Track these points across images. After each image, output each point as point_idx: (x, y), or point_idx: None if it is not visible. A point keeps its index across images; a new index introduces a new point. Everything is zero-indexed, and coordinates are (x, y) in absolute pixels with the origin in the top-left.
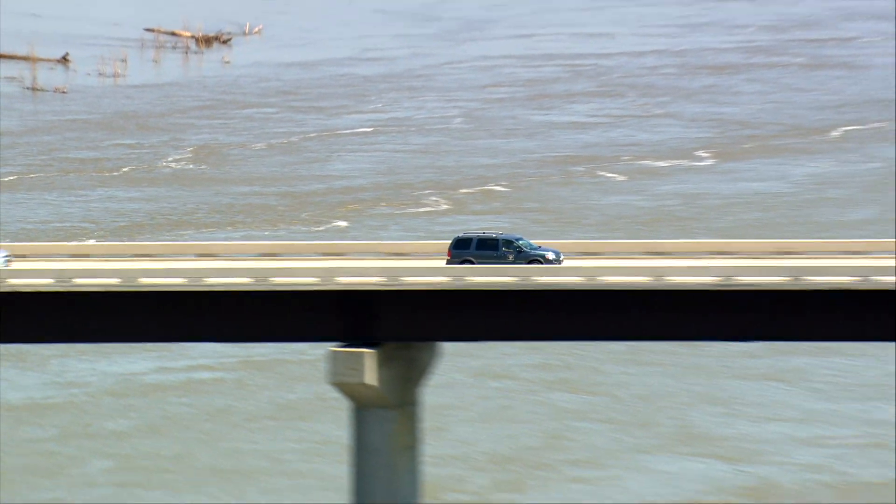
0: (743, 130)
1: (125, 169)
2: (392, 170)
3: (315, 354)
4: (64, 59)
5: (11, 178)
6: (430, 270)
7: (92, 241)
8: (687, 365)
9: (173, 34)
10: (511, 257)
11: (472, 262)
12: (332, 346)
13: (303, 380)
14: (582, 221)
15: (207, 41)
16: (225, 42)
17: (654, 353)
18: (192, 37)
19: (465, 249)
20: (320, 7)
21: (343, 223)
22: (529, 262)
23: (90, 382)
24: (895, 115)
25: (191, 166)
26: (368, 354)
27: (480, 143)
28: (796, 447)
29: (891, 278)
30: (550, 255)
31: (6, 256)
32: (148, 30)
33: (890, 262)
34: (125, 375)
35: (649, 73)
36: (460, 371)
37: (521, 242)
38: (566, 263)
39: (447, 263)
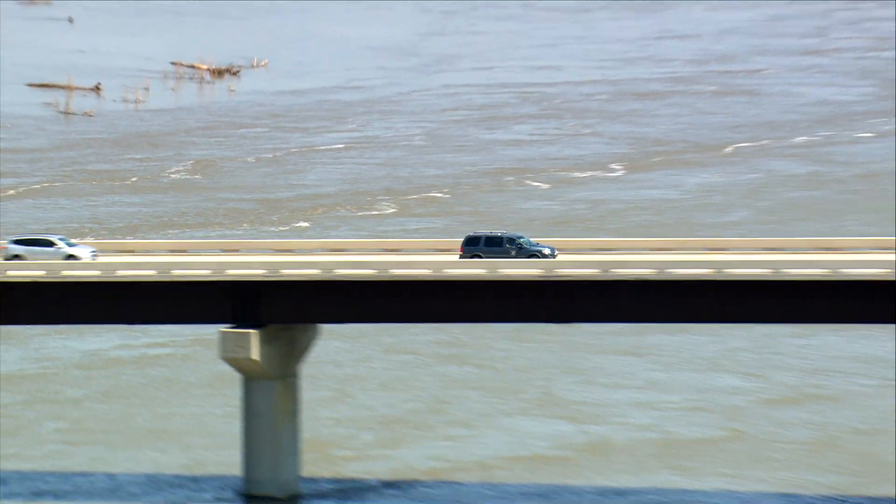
0: (654, 147)
1: (133, 179)
2: (356, 179)
3: None
4: (96, 88)
5: (36, 186)
6: (305, 264)
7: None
8: (562, 342)
9: (192, 67)
10: (513, 253)
11: (481, 257)
12: (223, 328)
13: None
14: (503, 223)
15: (220, 73)
16: (235, 73)
17: (535, 333)
18: (208, 69)
19: (474, 246)
20: (319, 44)
21: (305, 224)
22: (529, 257)
23: (61, 357)
24: (781, 133)
25: (188, 177)
26: (253, 334)
27: (433, 157)
28: (634, 410)
29: (744, 270)
30: (546, 251)
31: (93, 252)
32: (173, 63)
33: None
34: (91, 351)
35: (585, 98)
36: (373, 347)
37: (521, 240)
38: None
39: (460, 258)
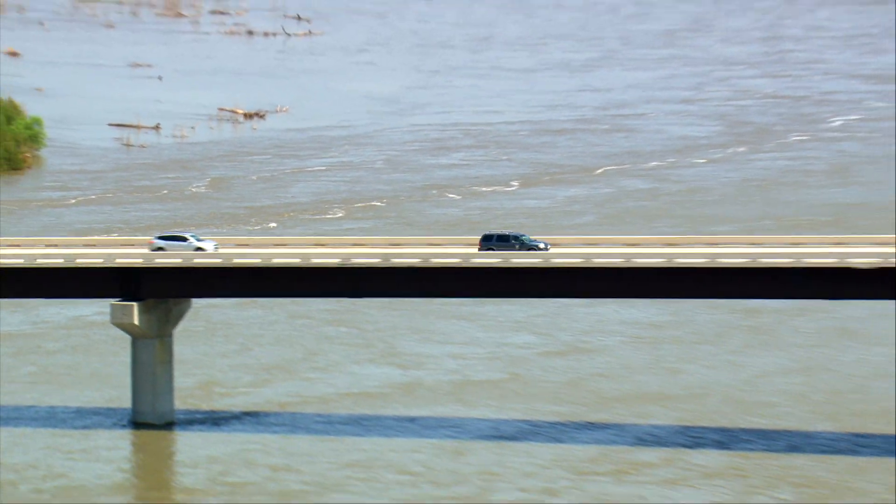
0: (547, 169)
1: (164, 192)
2: (324, 192)
3: None
4: (156, 127)
5: (92, 197)
6: (175, 255)
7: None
8: (421, 311)
9: (231, 111)
10: (517, 246)
11: (493, 250)
12: (113, 301)
13: None
14: (416, 224)
15: (250, 116)
16: (261, 116)
17: (404, 302)
18: (243, 113)
19: (489, 242)
20: (330, 95)
21: (273, 224)
22: (528, 249)
23: (53, 320)
24: (640, 159)
25: (204, 190)
26: (135, 306)
27: (386, 176)
28: (448, 360)
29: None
30: (542, 245)
31: (215, 245)
32: (220, 109)
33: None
34: (78, 317)
35: (510, 134)
36: (282, 314)
37: (523, 238)
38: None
39: (479, 251)
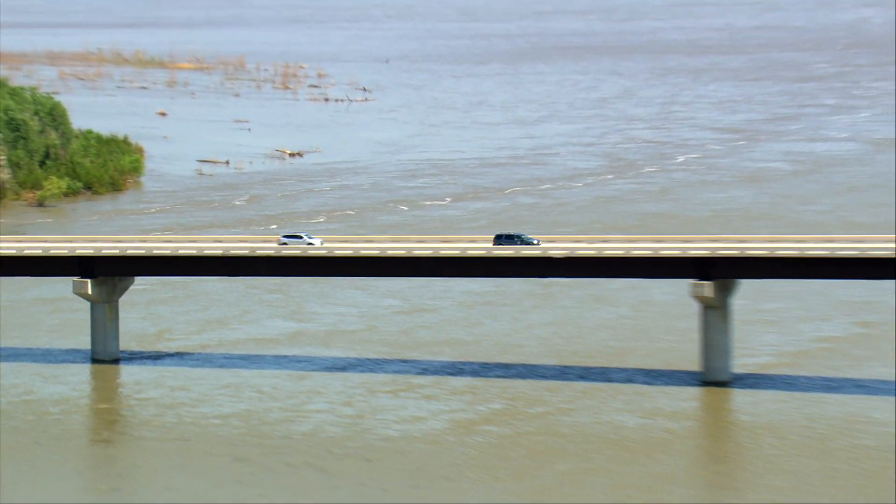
0: (476, 190)
1: (214, 204)
2: (320, 205)
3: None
4: (226, 162)
5: (167, 207)
6: (126, 247)
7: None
8: (332, 284)
9: (282, 151)
10: (518, 243)
11: (504, 245)
12: (74, 279)
13: None
14: (367, 226)
15: (293, 154)
16: (300, 155)
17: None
18: (288, 152)
19: (500, 240)
20: (352, 140)
21: (274, 226)
22: (526, 244)
23: (37, 296)
24: (537, 183)
25: (242, 203)
26: (90, 282)
27: (367, 194)
28: (332, 316)
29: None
30: (535, 242)
31: (321, 241)
32: (276, 150)
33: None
34: (51, 295)
35: (464, 167)
36: (242, 287)
37: (524, 237)
38: None
39: (493, 245)
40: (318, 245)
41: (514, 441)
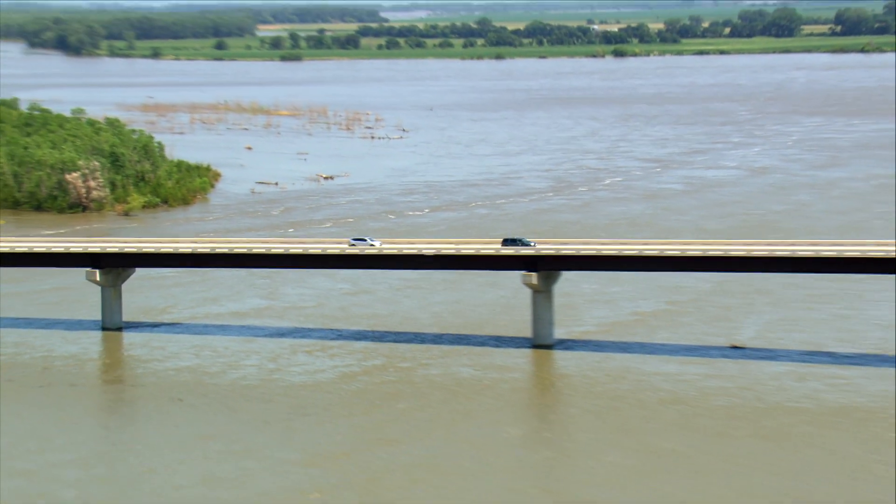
0: (450, 203)
1: (258, 213)
2: (332, 215)
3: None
4: (275, 183)
5: (206, 217)
6: (124, 246)
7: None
8: (307, 271)
9: (318, 175)
10: (520, 244)
11: (510, 247)
12: (87, 269)
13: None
14: (359, 230)
15: (326, 178)
16: (332, 178)
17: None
18: (323, 176)
19: (506, 243)
20: (374, 167)
21: (292, 230)
22: (525, 245)
23: (57, 284)
24: (497, 200)
25: (277, 213)
26: (99, 272)
27: (371, 206)
28: (295, 296)
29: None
30: (531, 244)
31: (381, 243)
32: (315, 174)
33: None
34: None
35: (449, 186)
36: (234, 279)
37: (524, 240)
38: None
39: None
40: (378, 246)
41: (376, 387)
